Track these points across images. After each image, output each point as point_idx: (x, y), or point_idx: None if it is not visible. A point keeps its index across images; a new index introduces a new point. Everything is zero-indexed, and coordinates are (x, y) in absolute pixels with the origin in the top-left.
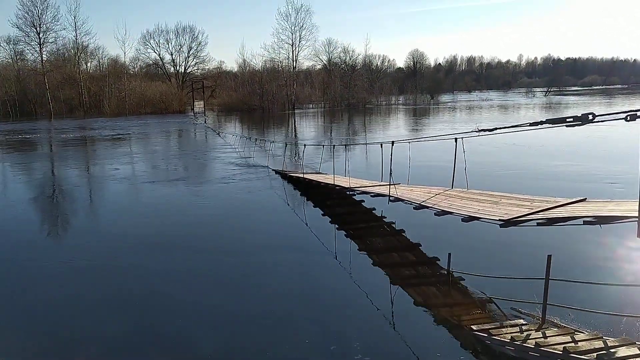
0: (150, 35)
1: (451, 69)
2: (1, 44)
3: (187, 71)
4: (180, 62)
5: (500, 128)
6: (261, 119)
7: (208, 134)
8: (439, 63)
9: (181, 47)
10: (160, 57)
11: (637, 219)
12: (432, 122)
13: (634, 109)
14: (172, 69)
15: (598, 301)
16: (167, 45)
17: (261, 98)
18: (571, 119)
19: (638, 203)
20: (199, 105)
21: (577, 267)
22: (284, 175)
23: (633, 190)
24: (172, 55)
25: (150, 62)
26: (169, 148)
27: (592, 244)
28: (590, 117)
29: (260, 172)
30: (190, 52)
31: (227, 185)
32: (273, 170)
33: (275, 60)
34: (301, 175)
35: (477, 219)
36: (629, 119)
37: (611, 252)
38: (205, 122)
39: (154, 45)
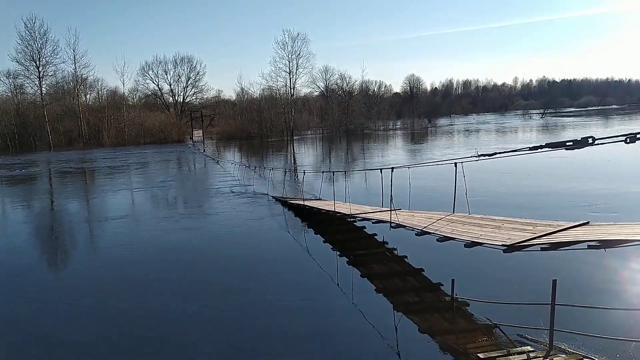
0: (149, 66)
1: (448, 93)
2: (1, 78)
3: (186, 101)
4: (179, 92)
5: (500, 153)
6: (260, 147)
7: (207, 163)
8: (436, 87)
9: (179, 77)
10: (159, 88)
11: None
12: (431, 147)
13: (633, 130)
14: (171, 98)
15: (605, 326)
16: (165, 76)
17: (259, 126)
18: (571, 143)
19: None
20: (197, 134)
21: (583, 292)
22: (284, 202)
23: (637, 212)
24: (170, 85)
25: (149, 92)
26: (168, 177)
27: (597, 268)
28: (590, 140)
29: (260, 199)
30: (189, 82)
31: (228, 213)
32: (273, 197)
33: (273, 88)
34: (302, 202)
35: (480, 244)
36: (628, 141)
37: (617, 276)
38: (204, 150)
39: (152, 76)
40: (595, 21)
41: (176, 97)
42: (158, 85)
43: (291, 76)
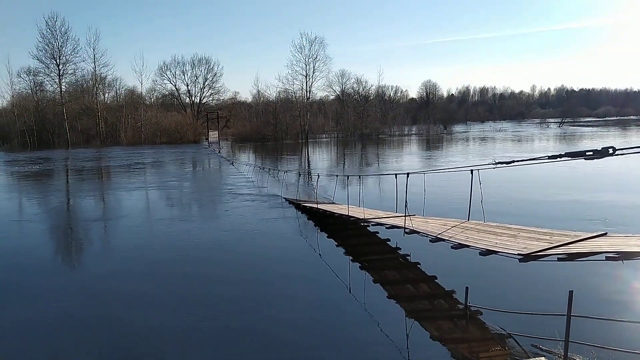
0: (166, 66)
1: (464, 100)
2: (21, 75)
3: (202, 101)
4: (196, 93)
5: (518, 161)
6: (275, 149)
7: (222, 164)
8: (452, 94)
9: (197, 78)
10: (176, 88)
11: None
12: (446, 153)
13: None
14: (188, 99)
15: (621, 339)
16: (183, 77)
17: (275, 128)
18: (591, 152)
19: None
20: (213, 135)
21: (599, 303)
22: (297, 205)
23: None
24: (187, 86)
25: (167, 92)
26: (183, 177)
27: (614, 280)
28: (611, 150)
29: (273, 201)
30: (206, 83)
31: (241, 214)
32: (286, 200)
33: (289, 91)
34: (315, 206)
35: (496, 252)
36: None
37: (634, 288)
38: (219, 151)
39: (170, 77)
40: (615, 30)
41: (193, 98)
42: (175, 85)
43: (307, 79)
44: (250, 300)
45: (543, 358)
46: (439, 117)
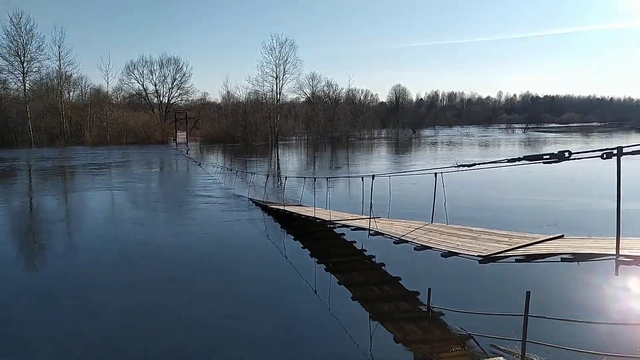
0: (134, 65)
1: (433, 104)
2: None
3: (171, 102)
4: (164, 93)
5: (479, 164)
6: (244, 151)
7: (189, 165)
8: (421, 98)
9: (165, 78)
10: (143, 88)
11: (614, 257)
12: (414, 157)
13: (610, 147)
14: (156, 99)
15: (577, 339)
16: (151, 76)
17: (244, 129)
18: (548, 156)
19: (615, 240)
20: (181, 136)
21: (556, 304)
22: (264, 206)
23: (611, 227)
24: (155, 85)
25: (134, 92)
26: (149, 178)
27: (571, 281)
28: (567, 154)
29: (240, 203)
30: (174, 83)
31: (207, 216)
32: (253, 201)
33: (259, 92)
34: (282, 207)
35: (457, 254)
36: (605, 156)
37: (590, 290)
38: (187, 152)
39: (137, 76)
40: (579, 39)
41: (161, 98)
42: (143, 85)
43: (278, 81)
44: (215, 302)
45: (501, 358)
46: (408, 121)
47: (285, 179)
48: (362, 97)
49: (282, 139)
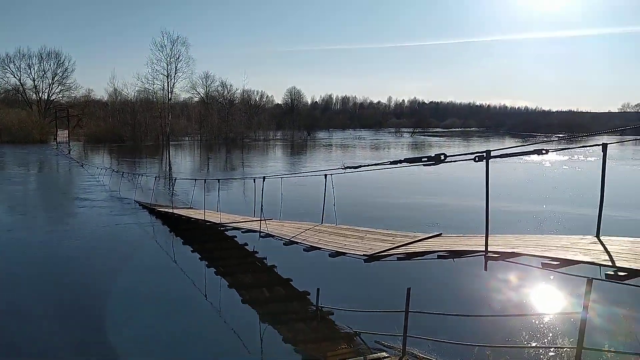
0: (10, 59)
1: (327, 107)
2: None
3: (51, 98)
4: (44, 89)
5: (364, 165)
6: (132, 151)
7: (71, 166)
8: (316, 101)
9: (45, 72)
10: (20, 83)
11: (483, 253)
12: (307, 158)
13: (482, 150)
14: (34, 95)
15: (453, 332)
16: (29, 70)
17: (133, 129)
18: (426, 159)
19: (484, 238)
20: (63, 135)
21: (435, 299)
22: (152, 210)
23: (483, 225)
24: (34, 81)
25: (10, 87)
26: (26, 180)
27: (448, 277)
28: (442, 157)
29: (127, 206)
30: (55, 79)
31: (90, 221)
32: (141, 204)
33: (150, 90)
34: (170, 210)
35: (344, 254)
36: (477, 159)
37: (465, 284)
38: (69, 152)
39: (14, 70)
40: (462, 49)
41: (40, 94)
42: (20, 80)
43: (169, 79)
44: (99, 314)
45: (384, 353)
46: (303, 123)
47: (175, 181)
48: (257, 99)
49: (173, 139)
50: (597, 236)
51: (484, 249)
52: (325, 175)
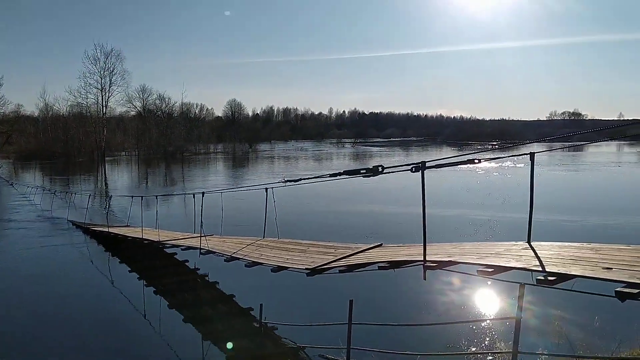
0: None
1: (269, 120)
2: None
3: None
4: None
5: (305, 178)
6: (65, 168)
7: (0, 185)
8: (257, 113)
9: None
10: None
11: (422, 263)
12: (250, 172)
13: (419, 160)
14: None
15: (396, 341)
16: None
17: (66, 145)
18: (364, 171)
19: (423, 248)
20: None
21: (378, 310)
22: (86, 229)
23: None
24: None
25: None
26: None
27: (390, 287)
28: (380, 169)
29: (59, 226)
30: None
31: (18, 242)
32: (75, 224)
33: (83, 105)
34: (106, 229)
35: (286, 268)
36: (414, 170)
37: (405, 294)
38: None
39: None
40: (400, 61)
41: None
42: None
43: (103, 93)
44: (31, 339)
45: None
46: (244, 135)
47: (111, 198)
48: (197, 111)
49: (109, 154)
50: (529, 242)
51: (422, 259)
52: (267, 189)
